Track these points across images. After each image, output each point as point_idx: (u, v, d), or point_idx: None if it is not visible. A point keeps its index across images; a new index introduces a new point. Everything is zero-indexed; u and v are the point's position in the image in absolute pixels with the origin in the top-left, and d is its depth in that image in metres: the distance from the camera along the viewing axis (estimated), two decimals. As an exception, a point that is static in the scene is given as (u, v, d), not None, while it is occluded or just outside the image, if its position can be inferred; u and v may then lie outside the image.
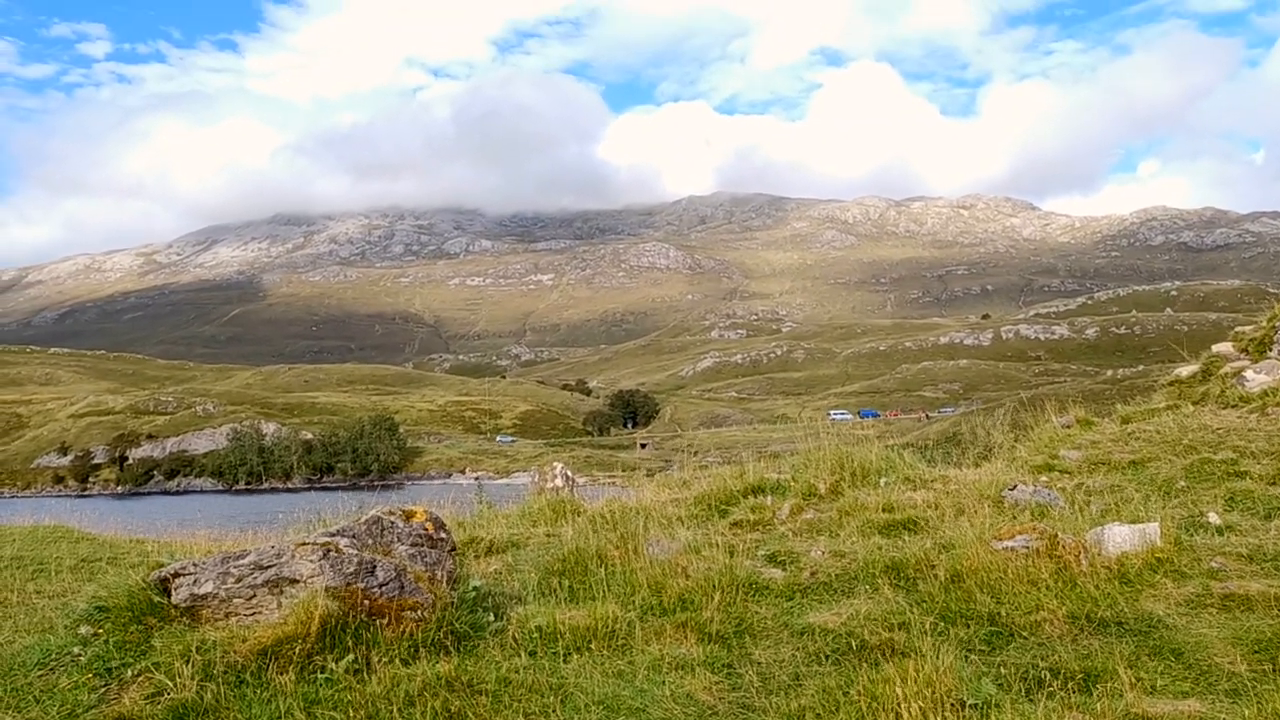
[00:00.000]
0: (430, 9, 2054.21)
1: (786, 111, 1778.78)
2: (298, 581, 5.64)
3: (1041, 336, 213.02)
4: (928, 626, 5.78)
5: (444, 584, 6.15)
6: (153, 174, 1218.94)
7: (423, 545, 6.43)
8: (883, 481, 9.51)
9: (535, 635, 5.84)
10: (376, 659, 5.30)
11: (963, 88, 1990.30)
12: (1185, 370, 13.03)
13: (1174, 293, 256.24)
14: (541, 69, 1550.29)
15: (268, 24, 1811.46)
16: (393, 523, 6.45)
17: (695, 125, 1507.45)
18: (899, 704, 4.70)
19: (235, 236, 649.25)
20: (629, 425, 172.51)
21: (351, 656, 5.28)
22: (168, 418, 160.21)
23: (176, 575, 5.83)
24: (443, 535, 6.73)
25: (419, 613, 5.71)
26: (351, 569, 5.70)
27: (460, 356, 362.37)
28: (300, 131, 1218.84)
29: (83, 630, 5.60)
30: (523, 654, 5.60)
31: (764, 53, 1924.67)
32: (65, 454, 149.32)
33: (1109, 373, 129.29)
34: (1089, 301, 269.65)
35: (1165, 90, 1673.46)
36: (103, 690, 5.13)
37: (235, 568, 5.76)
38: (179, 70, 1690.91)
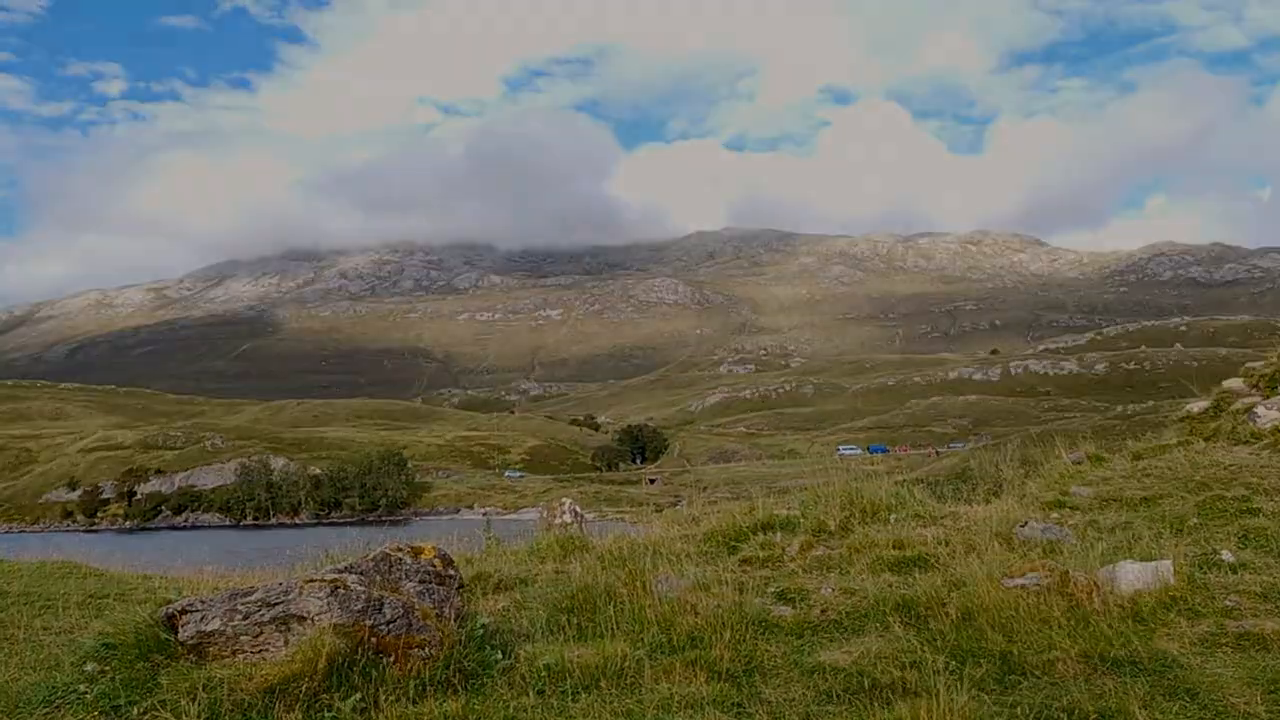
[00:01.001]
0: (442, 48, 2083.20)
1: (795, 148, 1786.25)
2: (305, 619, 5.62)
3: (1050, 372, 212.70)
4: (939, 665, 5.72)
5: (452, 621, 6.12)
6: (167, 210, 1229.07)
7: (431, 582, 6.41)
8: (893, 518, 9.46)
9: (543, 673, 5.80)
10: (384, 698, 5.27)
11: (970, 124, 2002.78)
12: (1196, 406, 12.95)
13: (1183, 328, 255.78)
14: (552, 106, 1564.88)
15: (281, 63, 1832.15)
16: (400, 559, 6.43)
17: (704, 162, 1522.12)
18: (911, 745, 4.65)
19: (247, 272, 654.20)
20: (638, 460, 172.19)
21: (359, 695, 5.25)
22: (176, 453, 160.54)
23: (184, 612, 5.81)
24: (451, 572, 6.71)
25: (427, 650, 5.68)
26: (359, 606, 5.68)
27: (469, 391, 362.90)
28: (313, 168, 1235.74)
29: (89, 667, 5.58)
30: (531, 693, 5.55)
31: (772, 91, 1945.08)
32: (74, 489, 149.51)
33: (1119, 408, 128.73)
34: (1098, 337, 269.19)
35: (1171, 127, 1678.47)
36: (109, 728, 5.11)
37: (242, 605, 5.74)
38: (193, 108, 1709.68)
